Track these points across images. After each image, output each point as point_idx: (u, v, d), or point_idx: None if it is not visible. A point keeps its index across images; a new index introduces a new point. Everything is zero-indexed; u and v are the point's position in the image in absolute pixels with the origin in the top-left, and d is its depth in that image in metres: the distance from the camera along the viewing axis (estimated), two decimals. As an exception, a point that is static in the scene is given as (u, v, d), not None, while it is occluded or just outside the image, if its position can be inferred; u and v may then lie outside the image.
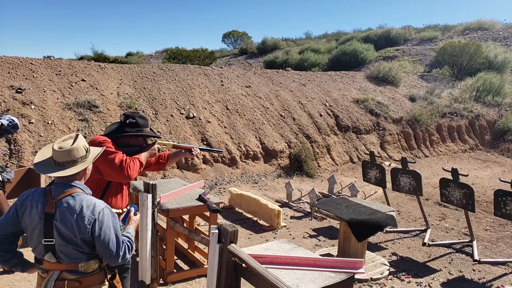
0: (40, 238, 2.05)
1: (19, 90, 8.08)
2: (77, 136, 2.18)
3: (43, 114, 7.83)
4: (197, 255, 4.75)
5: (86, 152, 2.17)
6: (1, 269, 4.30)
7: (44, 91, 8.39)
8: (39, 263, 2.11)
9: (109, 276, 2.25)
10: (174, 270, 4.28)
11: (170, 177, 7.80)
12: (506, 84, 15.16)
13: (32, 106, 7.87)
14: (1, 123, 4.20)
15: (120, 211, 3.06)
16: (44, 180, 5.69)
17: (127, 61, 20.60)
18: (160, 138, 3.50)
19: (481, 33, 21.89)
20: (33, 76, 8.69)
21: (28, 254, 2.22)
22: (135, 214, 2.48)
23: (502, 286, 4.36)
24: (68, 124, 7.90)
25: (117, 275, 2.38)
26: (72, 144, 2.12)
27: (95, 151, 2.28)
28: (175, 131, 8.87)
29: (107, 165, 2.84)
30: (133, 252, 2.22)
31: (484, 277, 4.62)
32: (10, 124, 4.32)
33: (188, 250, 4.89)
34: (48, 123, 7.70)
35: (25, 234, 2.16)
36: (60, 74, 9.15)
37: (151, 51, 32.66)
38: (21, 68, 8.79)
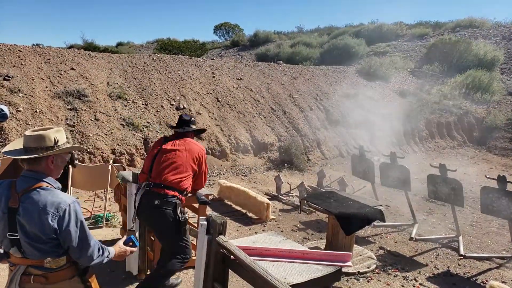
0: (5, 231, 1.98)
1: (6, 78, 7.93)
2: (54, 128, 2.11)
3: (31, 102, 7.71)
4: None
5: (55, 144, 2.04)
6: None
7: (33, 79, 8.25)
8: (7, 256, 2.06)
9: (80, 271, 2.15)
10: (162, 262, 4.25)
11: (160, 169, 7.75)
12: (494, 82, 15.30)
13: (20, 94, 7.74)
14: None
15: None
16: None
17: (118, 51, 20.36)
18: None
19: (472, 30, 22.04)
20: (21, 64, 8.54)
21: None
22: (128, 244, 2.36)
23: (487, 281, 4.42)
24: (57, 113, 7.79)
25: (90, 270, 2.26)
26: (42, 131, 2.04)
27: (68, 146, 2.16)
28: (165, 122, 8.80)
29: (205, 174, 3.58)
30: (103, 260, 2.14)
31: (469, 272, 4.69)
32: (0, 113, 4.26)
33: (177, 241, 4.86)
34: (36, 111, 7.59)
35: None
36: (49, 62, 9.01)
37: (142, 41, 32.35)
38: (9, 55, 8.63)
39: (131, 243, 2.40)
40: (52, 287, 2.03)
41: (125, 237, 2.41)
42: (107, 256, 2.17)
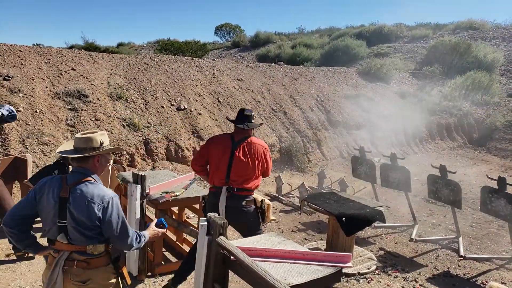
0: (55, 219, 2.25)
1: (6, 78, 7.94)
2: (99, 132, 2.42)
3: (31, 103, 7.71)
4: (185, 247, 4.74)
5: (100, 145, 2.36)
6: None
7: (33, 79, 8.26)
8: (52, 243, 2.30)
9: (113, 259, 2.41)
10: (162, 262, 4.27)
11: (160, 169, 7.76)
12: (494, 84, 15.31)
13: (20, 94, 7.74)
14: (1, 113, 4.21)
15: None
16: (31, 169, 5.63)
17: (118, 51, 20.37)
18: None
19: (472, 32, 22.05)
20: (22, 64, 8.54)
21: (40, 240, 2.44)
22: (159, 226, 2.70)
23: (486, 282, 4.43)
24: (57, 113, 7.80)
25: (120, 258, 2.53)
26: (90, 134, 2.36)
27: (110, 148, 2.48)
28: (166, 122, 8.81)
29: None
30: (141, 245, 2.46)
31: (469, 273, 4.69)
32: (10, 114, 4.34)
33: (177, 242, 4.88)
34: (36, 111, 7.59)
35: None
36: (49, 63, 9.01)
37: (142, 41, 32.28)
38: (9, 55, 8.63)
39: (161, 225, 2.70)
40: (91, 272, 2.29)
41: (155, 220, 2.71)
42: (144, 241, 2.48)
